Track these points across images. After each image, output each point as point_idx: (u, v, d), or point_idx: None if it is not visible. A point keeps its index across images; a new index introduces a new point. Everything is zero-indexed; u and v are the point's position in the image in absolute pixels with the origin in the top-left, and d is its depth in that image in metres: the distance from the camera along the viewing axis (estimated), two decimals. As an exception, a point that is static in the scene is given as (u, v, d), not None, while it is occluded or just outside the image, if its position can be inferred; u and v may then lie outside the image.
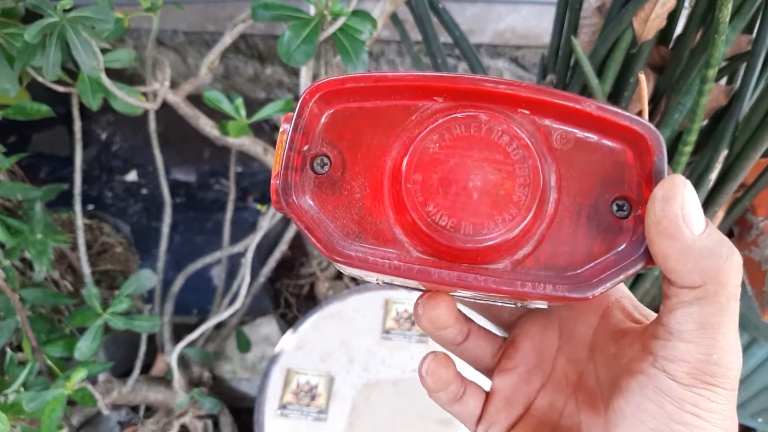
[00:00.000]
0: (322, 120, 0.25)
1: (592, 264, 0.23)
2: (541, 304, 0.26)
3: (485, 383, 0.32)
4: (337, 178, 0.24)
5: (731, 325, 0.22)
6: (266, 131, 1.63)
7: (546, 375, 0.29)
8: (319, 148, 0.25)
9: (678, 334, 0.22)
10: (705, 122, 0.81)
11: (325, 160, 0.25)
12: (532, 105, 0.24)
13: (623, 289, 0.29)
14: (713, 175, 0.71)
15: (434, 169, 0.22)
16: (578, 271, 0.23)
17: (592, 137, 0.25)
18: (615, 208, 0.24)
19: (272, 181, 0.24)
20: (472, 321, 0.31)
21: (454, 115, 0.23)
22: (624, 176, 0.24)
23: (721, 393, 0.22)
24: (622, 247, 0.23)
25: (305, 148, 0.25)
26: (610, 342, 0.27)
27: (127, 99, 0.74)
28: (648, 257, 0.23)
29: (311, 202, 0.24)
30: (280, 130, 0.25)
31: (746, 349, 0.98)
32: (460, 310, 0.29)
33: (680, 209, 0.21)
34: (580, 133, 0.25)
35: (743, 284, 0.96)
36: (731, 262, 0.21)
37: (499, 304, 0.30)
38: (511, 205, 0.22)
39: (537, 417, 0.28)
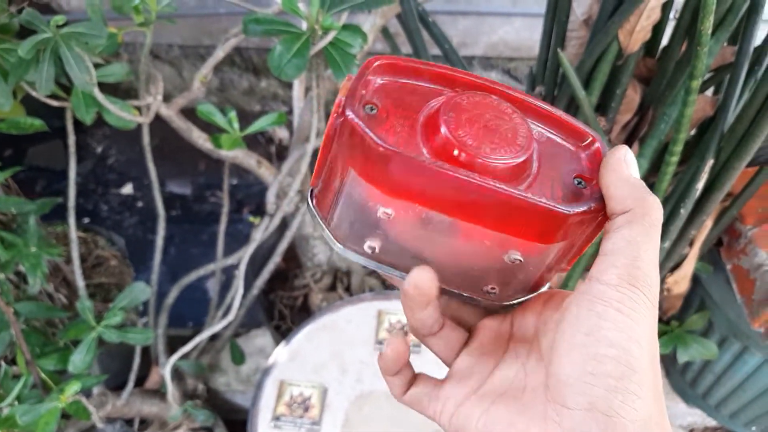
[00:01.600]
0: (375, 83, 0.31)
1: None
2: (516, 255, 0.31)
3: None
4: (381, 119, 0.30)
5: (652, 246, 0.27)
6: (261, 143, 1.64)
7: (499, 357, 0.33)
8: (370, 98, 0.31)
9: (611, 251, 0.27)
10: (692, 132, 0.82)
11: (374, 107, 0.30)
12: (523, 105, 0.32)
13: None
14: (700, 185, 0.72)
15: (462, 113, 0.30)
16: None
17: (558, 136, 0.33)
18: (576, 182, 0.31)
19: (338, 98, 0.30)
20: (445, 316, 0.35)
21: (474, 92, 0.31)
22: (580, 164, 0.32)
23: (642, 297, 0.26)
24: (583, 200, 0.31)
25: (362, 92, 0.30)
26: (554, 313, 0.31)
27: (119, 113, 0.74)
28: (599, 201, 0.30)
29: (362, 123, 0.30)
30: (344, 82, 0.31)
31: (738, 358, 0.99)
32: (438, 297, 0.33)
33: (623, 156, 0.29)
34: (551, 133, 0.33)
35: (733, 293, 0.96)
36: (653, 198, 0.28)
37: (477, 298, 0.35)
38: (516, 144, 0.29)
39: (488, 389, 0.31)
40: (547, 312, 0.32)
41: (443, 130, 0.29)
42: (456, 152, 0.28)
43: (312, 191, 0.33)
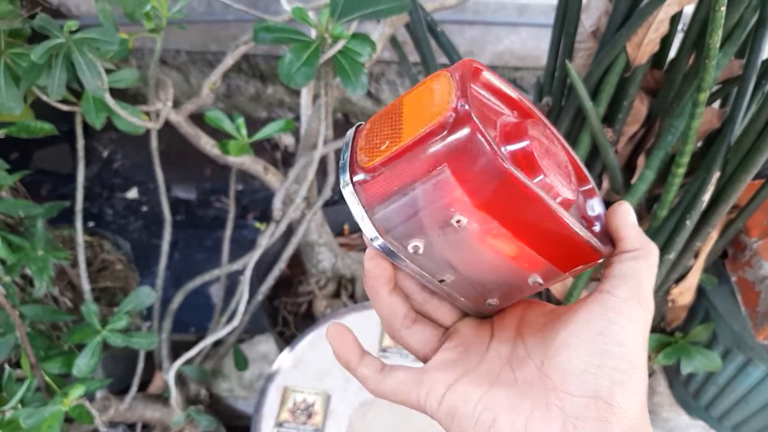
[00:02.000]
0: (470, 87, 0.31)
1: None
2: (538, 279, 0.34)
3: None
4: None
5: (652, 278, 0.32)
6: (267, 150, 1.64)
7: (481, 354, 0.35)
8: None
9: (621, 275, 0.32)
10: (698, 145, 0.82)
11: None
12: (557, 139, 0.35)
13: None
14: (706, 197, 0.72)
15: (540, 143, 0.31)
16: None
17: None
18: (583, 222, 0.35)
19: (457, 96, 0.29)
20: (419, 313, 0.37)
21: (537, 121, 0.32)
22: (581, 206, 0.36)
23: (644, 313, 0.31)
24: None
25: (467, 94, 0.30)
26: (539, 318, 0.35)
27: (130, 118, 0.75)
28: (610, 243, 0.34)
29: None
30: (442, 76, 0.30)
31: (741, 369, 0.98)
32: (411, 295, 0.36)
33: (627, 207, 0.35)
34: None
35: (737, 304, 0.96)
36: (654, 244, 0.33)
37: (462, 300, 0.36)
38: (571, 179, 0.33)
39: (481, 374, 0.33)
40: (530, 316, 0.36)
41: (534, 157, 0.30)
42: (539, 181, 0.30)
43: (353, 176, 0.31)
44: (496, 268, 0.33)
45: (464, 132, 0.27)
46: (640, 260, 0.32)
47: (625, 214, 0.34)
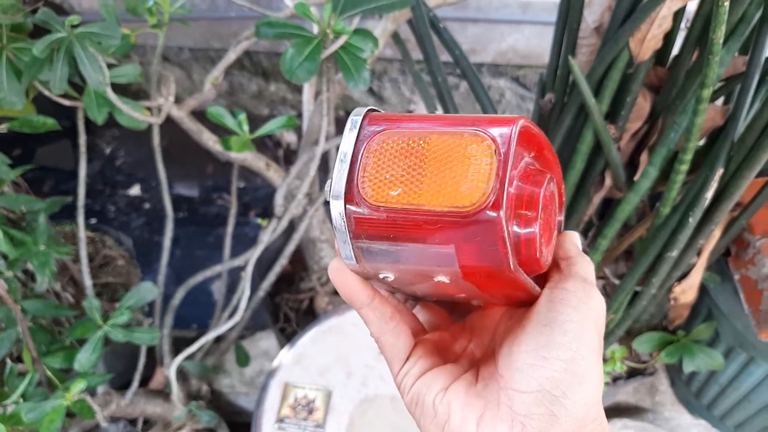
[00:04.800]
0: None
1: None
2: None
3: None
4: None
5: (593, 279, 0.33)
6: (269, 147, 1.64)
7: (458, 351, 0.36)
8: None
9: (567, 273, 0.33)
10: (701, 142, 0.82)
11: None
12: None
13: None
14: (709, 194, 0.72)
15: (543, 216, 0.31)
16: None
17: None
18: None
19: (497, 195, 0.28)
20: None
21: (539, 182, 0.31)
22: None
23: (589, 302, 0.31)
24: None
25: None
26: (511, 318, 0.35)
27: (132, 113, 0.75)
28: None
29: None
30: (485, 148, 0.29)
31: (744, 368, 0.98)
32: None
33: (574, 238, 0.36)
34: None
35: (740, 303, 0.96)
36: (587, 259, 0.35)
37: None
38: (551, 237, 0.34)
39: (443, 371, 0.33)
40: (506, 317, 0.36)
41: (536, 219, 0.30)
42: (527, 253, 0.31)
43: (348, 201, 0.29)
44: (455, 296, 0.34)
45: (489, 235, 0.27)
46: (584, 261, 0.34)
47: (572, 242, 0.36)
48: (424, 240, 0.28)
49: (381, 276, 0.32)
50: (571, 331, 0.29)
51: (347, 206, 0.29)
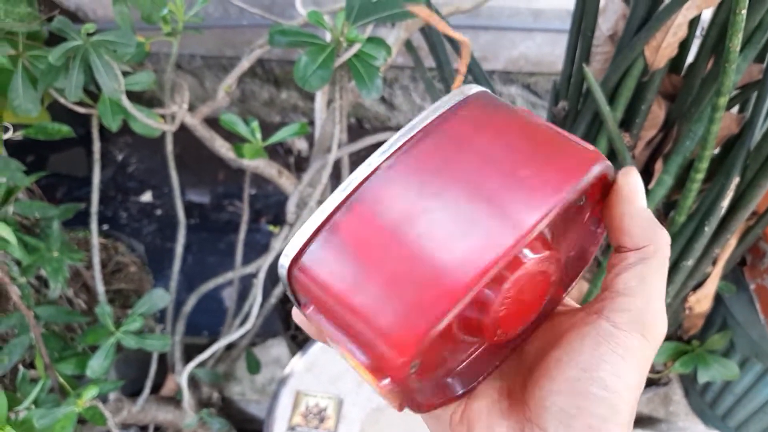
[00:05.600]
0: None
1: None
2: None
3: None
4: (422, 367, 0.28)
5: (663, 284, 0.27)
6: (281, 154, 1.65)
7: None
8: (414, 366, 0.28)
9: (624, 291, 0.27)
10: (717, 150, 0.81)
11: (414, 364, 0.27)
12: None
13: None
14: (725, 203, 0.71)
15: (512, 310, 0.28)
16: None
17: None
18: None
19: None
20: None
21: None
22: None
23: (647, 345, 0.26)
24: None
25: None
26: (547, 332, 0.31)
27: (146, 121, 0.75)
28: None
29: (425, 384, 0.29)
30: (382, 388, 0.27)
31: (760, 379, 0.97)
32: None
33: (635, 184, 0.28)
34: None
35: (756, 313, 0.95)
36: (665, 232, 0.27)
37: None
38: (534, 315, 0.31)
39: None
40: (543, 328, 0.32)
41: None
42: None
43: (291, 269, 0.26)
44: None
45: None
46: (649, 263, 0.27)
47: (631, 194, 0.28)
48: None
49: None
50: (613, 387, 0.26)
51: (287, 279, 0.27)
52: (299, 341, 1.13)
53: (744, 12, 0.53)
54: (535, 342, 0.31)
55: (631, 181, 0.28)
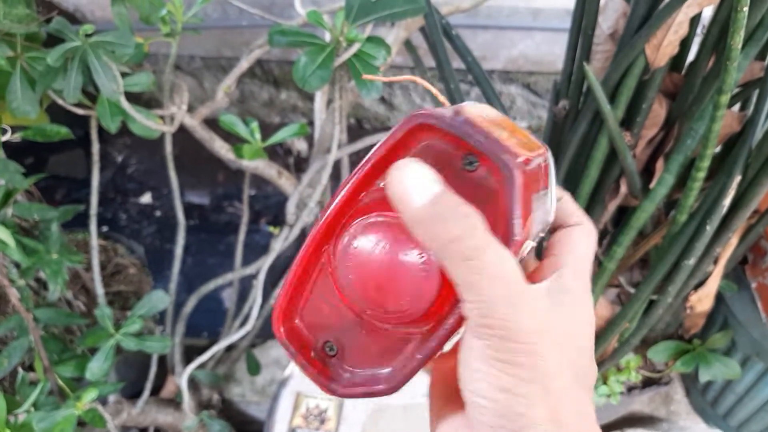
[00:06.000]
0: (299, 332, 0.30)
1: None
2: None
3: None
4: (344, 341, 0.29)
5: (487, 281, 0.24)
6: (280, 155, 1.64)
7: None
8: (316, 342, 0.30)
9: (459, 297, 0.25)
10: (718, 148, 0.81)
11: (329, 344, 0.30)
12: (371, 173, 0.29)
13: None
14: (726, 202, 0.71)
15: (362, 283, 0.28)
16: None
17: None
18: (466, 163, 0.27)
19: (324, 391, 0.30)
20: None
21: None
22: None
23: (509, 347, 0.24)
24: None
25: (312, 355, 0.29)
26: None
27: (145, 122, 0.75)
28: None
29: (352, 370, 0.29)
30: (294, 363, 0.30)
31: (761, 378, 0.97)
32: None
33: (399, 185, 0.24)
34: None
35: (757, 311, 0.94)
36: (444, 226, 0.23)
37: None
38: (417, 286, 0.28)
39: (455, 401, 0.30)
40: None
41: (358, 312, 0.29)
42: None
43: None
44: None
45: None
46: (448, 264, 0.24)
47: (394, 197, 0.25)
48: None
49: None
50: (487, 394, 0.24)
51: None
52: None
53: (746, 9, 0.53)
54: None
55: (392, 182, 0.25)
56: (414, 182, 0.24)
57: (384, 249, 0.27)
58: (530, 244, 0.28)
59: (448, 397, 0.29)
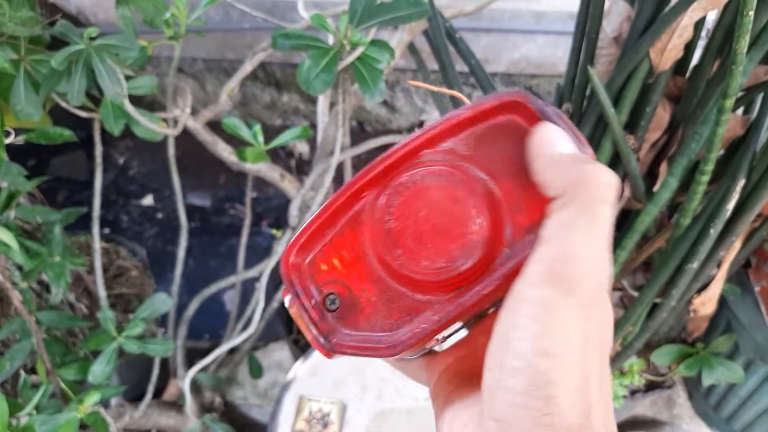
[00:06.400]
0: (306, 274, 0.29)
1: None
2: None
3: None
4: (351, 299, 0.28)
5: (594, 230, 0.23)
6: (282, 157, 1.64)
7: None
8: (320, 292, 0.28)
9: (541, 239, 0.23)
10: (721, 152, 0.81)
11: (332, 296, 0.28)
12: (430, 141, 0.28)
13: None
14: (730, 205, 0.71)
15: (402, 234, 0.27)
16: None
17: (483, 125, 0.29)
18: None
19: (313, 344, 0.28)
20: None
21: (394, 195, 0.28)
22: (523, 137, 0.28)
23: (565, 302, 0.22)
24: None
25: (312, 302, 0.28)
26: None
27: (149, 125, 0.75)
28: None
29: (349, 332, 0.28)
30: (286, 305, 0.29)
31: (764, 381, 0.97)
32: None
33: (546, 135, 0.26)
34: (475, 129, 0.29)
35: (761, 315, 0.94)
36: (594, 167, 0.23)
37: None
38: (469, 236, 0.27)
39: (465, 388, 0.29)
40: None
41: (395, 264, 0.27)
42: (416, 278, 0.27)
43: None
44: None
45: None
46: (568, 207, 0.23)
47: (541, 146, 0.25)
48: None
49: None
50: (524, 357, 0.22)
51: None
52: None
53: (752, 14, 0.53)
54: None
55: (540, 133, 0.26)
56: (562, 136, 0.26)
57: (439, 200, 0.26)
58: None
59: (457, 383, 0.29)
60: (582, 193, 0.23)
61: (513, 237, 0.27)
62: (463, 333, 0.32)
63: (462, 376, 0.30)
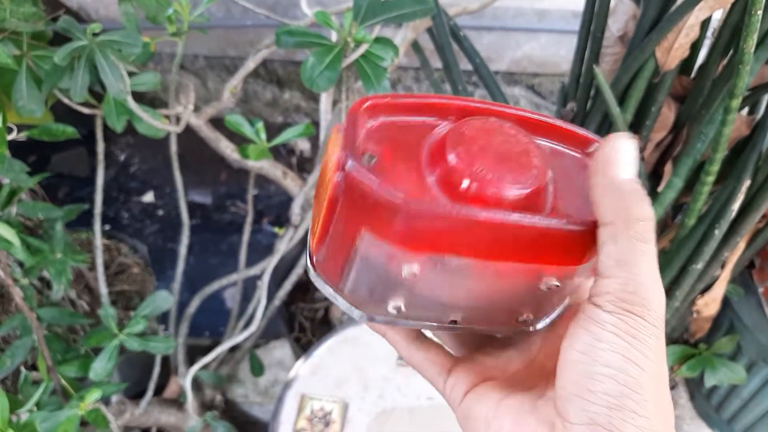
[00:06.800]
0: (368, 128, 0.29)
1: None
2: (553, 282, 0.29)
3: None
4: (384, 169, 0.28)
5: (646, 263, 0.26)
6: (283, 155, 1.64)
7: (512, 360, 0.33)
8: (365, 146, 0.28)
9: (602, 272, 0.26)
10: (726, 152, 0.80)
11: (372, 156, 0.28)
12: (523, 120, 0.30)
13: None
14: (736, 206, 0.71)
15: (470, 144, 0.27)
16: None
17: (564, 147, 0.31)
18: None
19: (336, 154, 0.27)
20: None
21: (473, 118, 0.29)
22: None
23: (640, 322, 0.25)
24: None
25: (356, 141, 0.28)
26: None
27: (151, 122, 0.75)
28: None
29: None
30: (333, 134, 0.29)
31: (766, 383, 0.96)
32: None
33: (613, 152, 0.27)
34: (557, 145, 0.31)
35: (764, 316, 0.94)
36: (638, 206, 0.26)
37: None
38: (532, 167, 0.27)
39: (497, 383, 0.31)
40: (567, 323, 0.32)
41: (457, 166, 0.27)
42: (475, 189, 0.27)
43: (312, 259, 0.30)
44: (494, 290, 0.29)
45: (354, 187, 0.26)
46: (619, 242, 0.26)
47: (605, 164, 0.27)
48: (350, 245, 0.28)
49: (391, 309, 0.30)
50: (615, 365, 0.25)
51: (314, 264, 0.31)
52: (303, 343, 1.13)
53: (760, 13, 0.53)
54: (553, 339, 0.32)
55: (608, 147, 0.27)
56: (627, 155, 0.26)
57: (509, 140, 0.28)
58: None
59: (511, 386, 0.31)
60: (629, 230, 0.26)
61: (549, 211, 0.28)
62: (560, 310, 0.33)
63: (514, 378, 0.32)
